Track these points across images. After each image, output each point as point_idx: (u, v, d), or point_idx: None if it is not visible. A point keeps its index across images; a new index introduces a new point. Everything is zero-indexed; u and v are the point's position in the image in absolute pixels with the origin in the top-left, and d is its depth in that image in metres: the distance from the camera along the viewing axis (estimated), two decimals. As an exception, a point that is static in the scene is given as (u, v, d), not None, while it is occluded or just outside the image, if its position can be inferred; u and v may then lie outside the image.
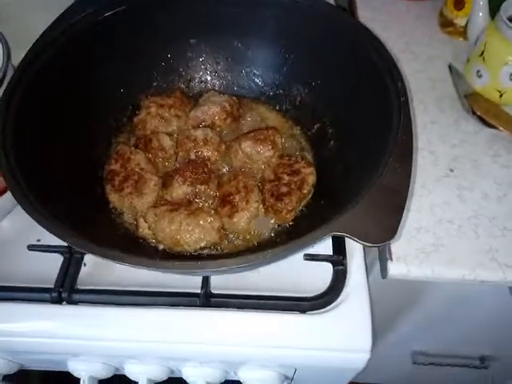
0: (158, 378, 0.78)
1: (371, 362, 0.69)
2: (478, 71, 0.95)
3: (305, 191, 0.74)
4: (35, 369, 0.88)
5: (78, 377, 0.77)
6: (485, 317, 1.09)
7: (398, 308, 1.09)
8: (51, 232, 0.54)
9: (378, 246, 0.65)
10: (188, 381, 0.79)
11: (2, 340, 0.71)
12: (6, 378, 0.82)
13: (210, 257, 0.71)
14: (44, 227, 0.54)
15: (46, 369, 0.87)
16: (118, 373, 0.80)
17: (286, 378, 0.79)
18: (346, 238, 0.54)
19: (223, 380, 0.79)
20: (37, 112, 0.71)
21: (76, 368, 0.78)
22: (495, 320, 1.09)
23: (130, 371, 0.78)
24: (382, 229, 0.52)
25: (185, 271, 0.52)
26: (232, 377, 0.80)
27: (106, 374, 0.79)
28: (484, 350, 1.28)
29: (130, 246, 0.72)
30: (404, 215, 0.54)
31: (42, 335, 0.70)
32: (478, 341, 1.24)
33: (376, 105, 0.70)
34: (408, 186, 0.54)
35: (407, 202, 0.54)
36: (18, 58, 0.81)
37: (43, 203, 0.60)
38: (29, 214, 0.55)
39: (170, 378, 0.80)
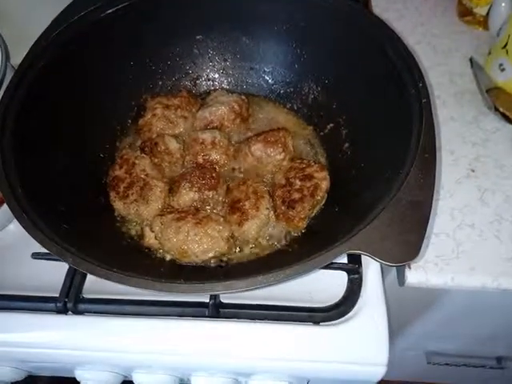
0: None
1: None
2: (501, 65, 0.90)
3: (318, 197, 0.71)
4: (43, 375, 0.88)
5: (86, 384, 0.76)
6: (502, 317, 1.06)
7: (413, 310, 1.06)
8: (51, 251, 0.51)
9: (400, 266, 0.62)
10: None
11: (8, 350, 0.70)
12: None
13: (219, 268, 0.68)
14: (43, 246, 0.51)
15: (54, 375, 0.87)
16: (126, 379, 0.79)
17: (299, 388, 0.77)
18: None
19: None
20: (37, 116, 0.69)
21: (83, 377, 0.76)
22: (512, 320, 1.06)
23: (139, 380, 0.77)
24: (404, 246, 0.48)
25: (192, 294, 0.49)
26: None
27: (113, 382, 0.77)
28: (500, 350, 1.24)
29: (136, 256, 0.69)
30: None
31: (48, 346, 0.69)
32: (495, 341, 1.20)
33: (395, 106, 0.66)
34: (432, 199, 0.50)
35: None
36: (16, 57, 0.78)
37: (42, 214, 0.58)
38: (27, 231, 0.52)
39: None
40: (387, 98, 0.69)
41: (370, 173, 0.68)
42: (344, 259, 0.71)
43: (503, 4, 0.91)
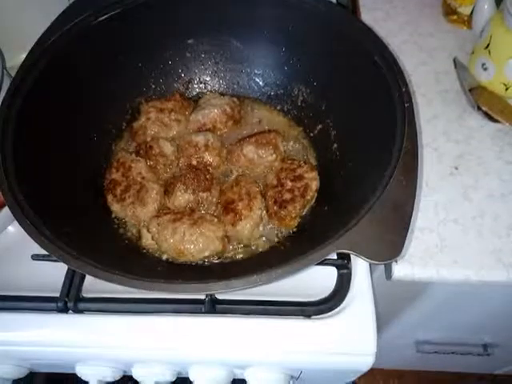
0: (165, 380, 0.79)
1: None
2: (484, 64, 0.92)
3: (308, 197, 0.74)
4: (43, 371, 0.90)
5: (86, 380, 0.78)
6: (488, 305, 1.10)
7: (401, 301, 1.09)
8: (53, 255, 0.53)
9: (385, 264, 0.65)
10: (195, 382, 0.80)
11: (10, 349, 0.72)
12: (15, 381, 0.83)
13: (214, 267, 0.71)
14: (46, 249, 0.54)
15: (55, 372, 0.89)
16: (126, 374, 0.82)
17: (292, 377, 0.80)
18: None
19: (231, 380, 0.80)
20: (35, 122, 0.71)
21: (84, 372, 0.79)
22: (498, 309, 1.10)
23: (138, 374, 0.79)
24: (388, 245, 0.51)
25: (189, 293, 0.52)
26: (239, 376, 0.81)
27: (113, 376, 0.80)
28: (487, 337, 1.29)
29: (134, 257, 0.72)
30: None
31: (49, 344, 0.71)
32: (481, 329, 1.25)
33: (380, 109, 0.68)
34: (413, 201, 0.53)
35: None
36: (10, 61, 0.79)
37: (43, 218, 0.60)
38: (29, 235, 0.55)
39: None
40: (373, 101, 0.71)
41: (357, 173, 0.70)
42: (334, 256, 0.74)
43: (486, 5, 0.94)
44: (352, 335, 0.69)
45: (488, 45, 0.90)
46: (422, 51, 1.05)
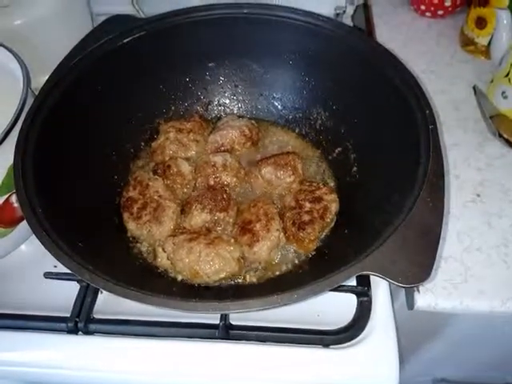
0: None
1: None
2: (503, 92, 0.92)
3: (328, 220, 0.72)
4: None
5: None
6: (510, 342, 1.05)
7: (422, 335, 1.05)
8: (69, 268, 0.52)
9: (413, 287, 0.62)
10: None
11: (17, 370, 0.70)
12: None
13: (230, 289, 0.69)
14: (62, 263, 0.52)
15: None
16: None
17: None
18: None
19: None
20: (55, 140, 0.71)
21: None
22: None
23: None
24: (416, 268, 0.49)
25: (207, 312, 0.49)
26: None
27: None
28: (508, 377, 1.22)
29: (148, 276, 0.70)
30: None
31: (58, 366, 0.69)
32: (504, 368, 1.19)
33: (402, 132, 0.68)
34: (441, 223, 0.52)
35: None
36: (35, 82, 0.81)
37: (60, 233, 0.59)
38: (46, 249, 0.54)
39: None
40: (394, 124, 0.71)
41: (379, 196, 0.69)
42: (353, 282, 0.72)
43: (504, 34, 0.95)
44: (373, 367, 0.66)
45: (508, 73, 0.90)
46: (440, 80, 1.05)
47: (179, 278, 0.70)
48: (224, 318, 0.68)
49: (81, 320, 0.70)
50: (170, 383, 0.69)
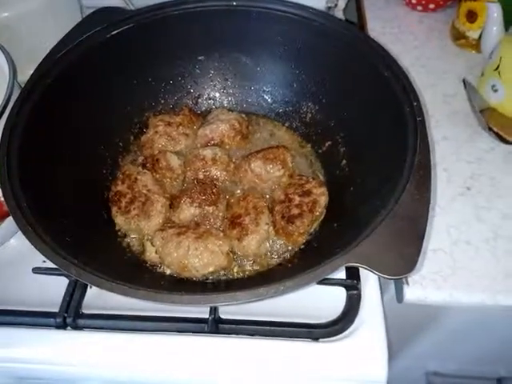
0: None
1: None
2: (494, 86, 0.92)
3: (317, 213, 0.72)
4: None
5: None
6: (502, 336, 1.05)
7: (413, 328, 1.05)
8: (54, 263, 0.52)
9: (398, 279, 0.62)
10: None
11: (7, 366, 0.69)
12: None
13: (219, 283, 0.69)
14: (47, 257, 0.52)
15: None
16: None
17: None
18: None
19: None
20: (41, 133, 0.70)
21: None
22: (513, 340, 1.05)
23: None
24: (401, 260, 0.49)
25: (194, 305, 0.49)
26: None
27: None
28: (501, 370, 1.23)
29: (137, 271, 0.70)
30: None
31: (47, 362, 0.68)
32: (496, 361, 1.19)
33: (390, 125, 0.68)
34: (427, 214, 0.52)
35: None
36: (22, 75, 0.80)
37: (46, 227, 0.58)
38: (31, 243, 0.53)
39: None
40: (383, 117, 0.71)
41: (367, 189, 0.69)
42: (342, 275, 0.72)
43: (494, 28, 0.95)
44: (362, 361, 0.66)
45: (498, 66, 0.90)
46: (430, 74, 1.05)
47: (168, 272, 0.70)
48: (213, 311, 0.68)
49: (69, 315, 0.69)
50: (159, 378, 0.68)
